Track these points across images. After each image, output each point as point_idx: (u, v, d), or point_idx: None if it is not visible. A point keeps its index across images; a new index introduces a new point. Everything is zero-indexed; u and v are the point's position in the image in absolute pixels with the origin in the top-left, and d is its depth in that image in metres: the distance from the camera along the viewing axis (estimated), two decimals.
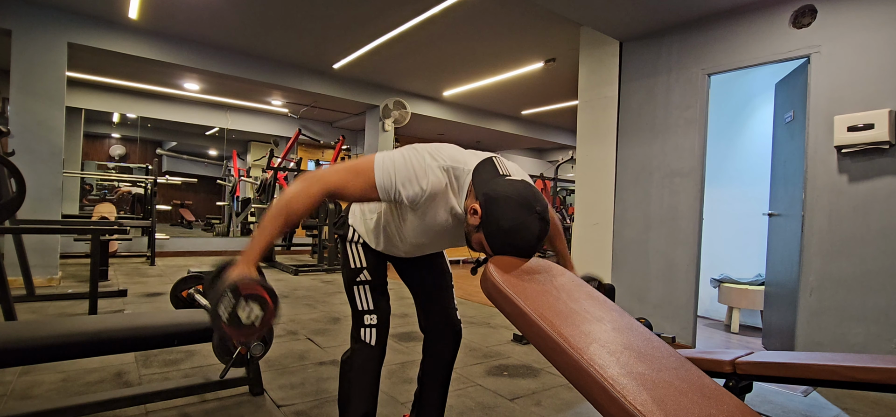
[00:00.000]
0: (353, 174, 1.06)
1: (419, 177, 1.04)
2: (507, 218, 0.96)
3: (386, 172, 1.05)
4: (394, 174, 1.04)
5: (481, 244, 1.03)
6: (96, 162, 8.61)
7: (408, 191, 1.04)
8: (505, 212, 0.96)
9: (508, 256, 0.99)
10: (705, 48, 3.12)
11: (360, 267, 1.32)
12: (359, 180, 1.06)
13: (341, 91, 6.12)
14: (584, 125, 3.84)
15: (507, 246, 0.98)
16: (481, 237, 1.01)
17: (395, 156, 1.07)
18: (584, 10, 3.18)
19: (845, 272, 2.52)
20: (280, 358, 2.47)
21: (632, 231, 3.49)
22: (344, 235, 1.38)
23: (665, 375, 0.79)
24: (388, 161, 1.06)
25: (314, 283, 4.95)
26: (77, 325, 1.70)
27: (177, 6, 4.16)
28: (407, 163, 1.05)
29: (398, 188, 1.04)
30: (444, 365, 1.47)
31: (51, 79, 4.25)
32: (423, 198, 1.06)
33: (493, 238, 0.98)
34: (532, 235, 0.97)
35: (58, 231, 3.17)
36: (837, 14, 2.59)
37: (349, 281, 1.34)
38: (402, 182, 1.04)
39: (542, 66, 5.18)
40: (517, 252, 0.99)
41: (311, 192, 1.03)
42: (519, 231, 0.96)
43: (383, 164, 1.06)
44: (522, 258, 1.00)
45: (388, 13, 4.09)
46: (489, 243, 1.00)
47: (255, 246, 1.01)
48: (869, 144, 2.42)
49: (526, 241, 0.97)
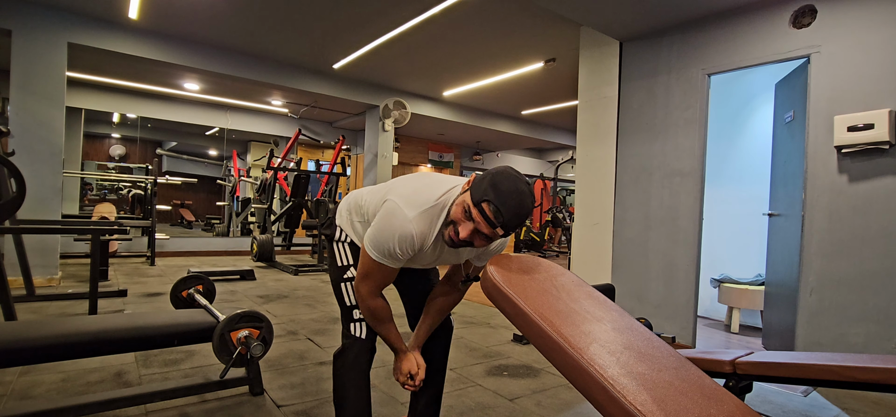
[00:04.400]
0: (365, 276, 1.21)
1: (407, 239, 1.12)
2: (491, 171, 1.08)
3: (381, 248, 1.15)
4: (389, 247, 1.13)
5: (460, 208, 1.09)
6: (96, 162, 8.61)
7: (402, 250, 1.14)
8: (488, 172, 1.08)
9: (480, 194, 1.03)
10: (705, 48, 3.12)
11: (346, 265, 1.34)
12: (372, 271, 1.20)
13: (341, 91, 6.12)
14: (584, 125, 3.84)
15: (489, 188, 1.03)
16: (463, 196, 1.07)
17: (378, 230, 1.15)
18: (584, 11, 3.18)
19: (845, 272, 2.52)
20: (280, 358, 2.47)
21: (632, 231, 3.49)
22: (331, 235, 1.40)
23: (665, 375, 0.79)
24: (375, 241, 1.16)
25: (314, 283, 4.95)
26: (77, 325, 1.70)
27: (177, 6, 4.16)
28: (391, 237, 1.12)
29: (397, 253, 1.14)
30: (437, 360, 1.48)
31: (51, 80, 4.25)
32: (417, 244, 1.14)
33: (476, 187, 1.06)
34: (509, 183, 1.04)
35: (58, 231, 3.17)
36: (837, 14, 2.59)
37: (336, 280, 1.36)
38: (398, 248, 1.13)
39: (542, 66, 5.18)
40: (495, 188, 1.03)
41: (369, 305, 1.25)
42: (504, 174, 1.06)
43: (374, 245, 1.16)
44: (492, 203, 1.02)
45: (388, 13, 4.09)
46: (473, 186, 1.06)
47: (391, 345, 1.33)
48: (869, 144, 2.42)
49: (509, 190, 1.03)
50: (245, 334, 1.84)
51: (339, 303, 1.36)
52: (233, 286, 4.56)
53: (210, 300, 2.54)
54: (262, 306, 3.76)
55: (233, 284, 4.66)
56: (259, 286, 4.66)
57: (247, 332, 1.84)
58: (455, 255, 1.26)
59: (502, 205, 1.01)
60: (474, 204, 1.04)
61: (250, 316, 1.87)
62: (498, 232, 1.05)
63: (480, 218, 1.04)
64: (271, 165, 7.08)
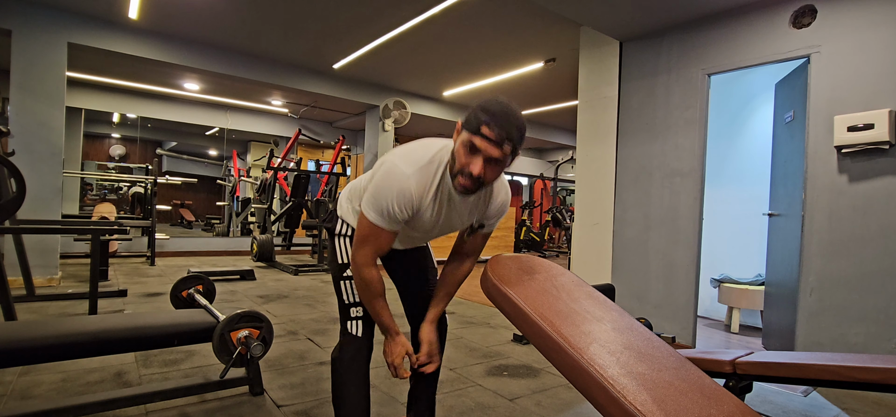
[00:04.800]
0: (362, 241, 1.19)
1: (404, 196, 1.12)
2: (476, 104, 1.10)
3: (379, 207, 1.13)
4: (386, 207, 1.12)
5: (462, 149, 1.09)
6: (96, 162, 8.61)
7: (401, 208, 1.12)
8: (473, 106, 1.10)
9: (475, 122, 1.05)
10: (705, 48, 3.12)
11: (346, 263, 1.34)
12: (369, 235, 1.17)
13: (341, 91, 6.12)
14: (584, 125, 3.84)
15: (479, 108, 1.07)
16: (460, 138, 1.09)
17: (376, 189, 1.14)
18: (584, 10, 3.18)
19: (845, 272, 2.52)
20: (280, 358, 2.47)
21: (632, 231, 3.49)
22: (332, 228, 1.39)
23: (665, 375, 0.79)
24: (373, 200, 1.14)
25: (314, 283, 4.95)
26: (77, 325, 1.70)
27: (177, 6, 4.16)
28: (387, 195, 1.12)
29: (395, 212, 1.12)
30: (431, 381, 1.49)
31: (51, 80, 4.25)
32: (415, 201, 1.14)
33: (468, 122, 1.08)
34: (498, 102, 1.07)
35: (58, 231, 3.18)
36: (837, 14, 2.59)
37: (336, 276, 1.36)
38: (396, 207, 1.12)
39: (542, 66, 5.18)
40: (485, 111, 1.06)
41: (364, 275, 1.21)
42: (489, 99, 1.09)
43: (372, 205, 1.14)
44: (487, 123, 1.04)
45: (388, 13, 4.09)
46: (465, 124, 1.08)
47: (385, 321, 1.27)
48: (869, 144, 2.41)
49: (496, 105, 1.06)
50: (245, 334, 1.84)
51: (337, 300, 1.36)
52: (233, 286, 4.56)
53: (210, 300, 2.54)
54: (262, 306, 3.76)
55: (233, 284, 4.66)
56: (259, 286, 4.66)
57: (247, 332, 1.84)
58: (457, 218, 1.25)
59: (500, 120, 1.04)
60: (474, 132, 1.05)
61: (250, 316, 1.87)
62: (506, 151, 1.05)
63: (485, 143, 1.04)
64: (271, 165, 7.08)
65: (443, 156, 1.17)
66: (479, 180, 1.08)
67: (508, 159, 1.08)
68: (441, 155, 1.18)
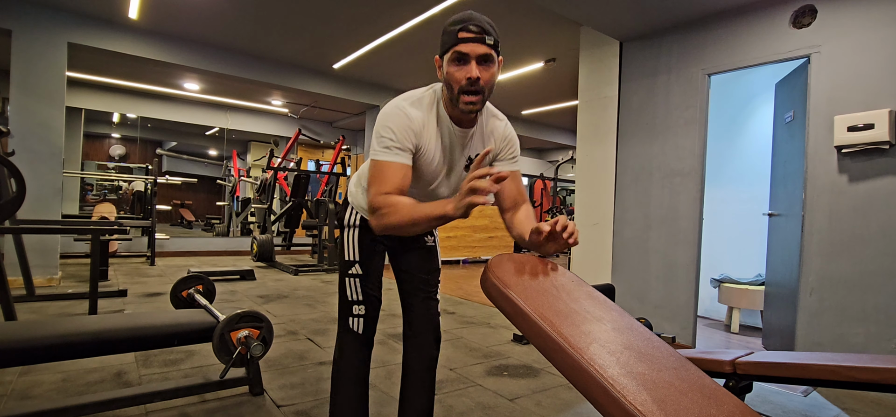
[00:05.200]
0: (374, 180, 1.11)
1: (402, 118, 1.12)
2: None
3: (382, 140, 1.10)
4: (388, 135, 1.10)
5: (451, 68, 1.09)
6: (96, 162, 8.61)
7: (402, 130, 1.11)
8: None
9: (451, 36, 1.08)
10: (705, 48, 3.12)
11: (352, 260, 1.33)
12: (378, 172, 1.10)
13: (341, 91, 6.12)
14: (584, 125, 3.84)
15: (447, 25, 1.09)
16: (445, 61, 1.10)
17: (377, 128, 1.13)
18: (584, 11, 3.18)
19: (845, 272, 2.52)
20: (280, 358, 2.47)
21: (632, 231, 3.49)
22: (342, 218, 1.38)
23: (665, 375, 0.79)
24: (376, 137, 1.12)
25: (314, 283, 4.95)
26: (77, 325, 1.70)
27: (177, 6, 4.16)
28: (388, 123, 1.11)
29: (400, 136, 1.10)
30: (429, 359, 1.40)
31: (51, 80, 4.25)
32: (415, 128, 1.13)
33: (444, 42, 1.10)
34: (463, 12, 1.09)
35: (58, 231, 3.18)
36: (837, 14, 2.59)
37: (342, 272, 1.35)
38: (397, 130, 1.10)
39: (542, 66, 5.18)
40: (454, 22, 1.09)
41: (386, 203, 1.08)
42: (454, 16, 1.11)
43: (376, 140, 1.11)
44: (462, 28, 1.07)
45: (387, 13, 4.09)
46: (442, 49, 1.10)
47: (431, 208, 1.03)
48: (869, 144, 2.41)
49: (460, 14, 1.09)
50: (245, 334, 1.84)
51: (339, 294, 1.35)
52: (233, 286, 4.56)
53: (210, 300, 2.54)
54: (262, 306, 3.76)
55: (233, 284, 4.66)
56: (259, 286, 4.66)
57: (247, 332, 1.84)
58: (462, 160, 1.23)
59: (471, 20, 1.07)
60: (455, 43, 1.06)
61: (250, 316, 1.87)
62: (490, 44, 1.07)
63: (469, 45, 1.06)
64: (271, 165, 7.08)
65: (434, 93, 1.18)
66: (478, 84, 1.07)
67: (496, 55, 1.09)
68: (429, 93, 1.18)
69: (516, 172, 1.29)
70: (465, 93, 1.08)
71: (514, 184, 1.27)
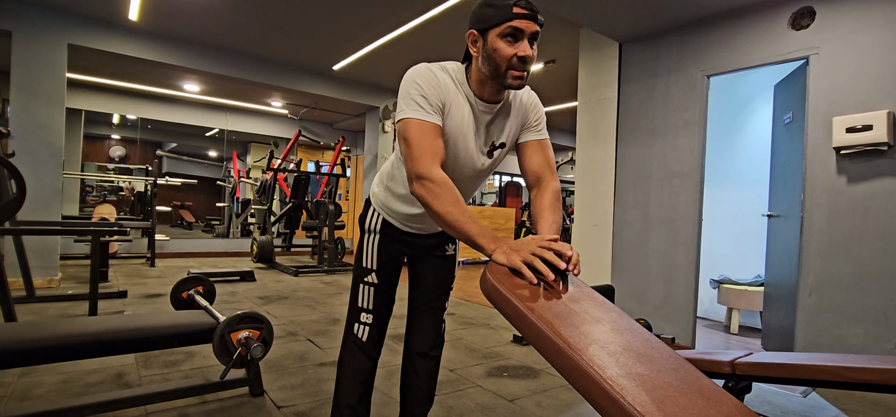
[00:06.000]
0: (410, 147, 1.02)
1: (429, 75, 1.07)
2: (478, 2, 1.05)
3: (409, 100, 1.04)
4: (417, 91, 1.04)
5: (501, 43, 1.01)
6: (96, 163, 8.62)
7: (431, 87, 1.05)
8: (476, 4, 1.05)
9: (503, 10, 1.00)
10: (704, 50, 3.13)
11: (368, 269, 1.30)
12: (414, 137, 1.02)
13: (341, 92, 6.13)
14: (584, 126, 3.85)
15: (487, 2, 1.02)
16: (493, 36, 1.02)
17: (403, 91, 1.07)
18: (584, 12, 3.18)
19: (844, 273, 2.53)
20: (280, 359, 2.48)
21: (631, 232, 3.49)
22: (362, 220, 1.34)
23: (664, 376, 0.79)
24: (403, 102, 1.05)
25: (314, 284, 4.95)
26: (77, 326, 1.70)
27: (177, 7, 4.16)
28: (415, 79, 1.06)
29: (429, 92, 1.04)
30: (431, 362, 1.42)
31: (51, 81, 4.26)
32: (442, 86, 1.07)
33: (496, 11, 1.01)
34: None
35: (58, 232, 3.18)
36: (836, 16, 2.60)
37: (356, 276, 1.33)
38: (425, 86, 1.04)
39: (541, 68, 5.18)
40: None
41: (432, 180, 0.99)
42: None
43: (404, 103, 1.04)
44: (516, 2, 0.99)
45: (387, 15, 4.10)
46: (487, 20, 1.02)
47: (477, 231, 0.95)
48: (867, 145, 2.42)
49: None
50: (245, 335, 1.84)
51: (350, 297, 1.34)
52: (233, 287, 4.56)
53: (210, 301, 2.54)
54: (262, 307, 3.76)
55: (233, 285, 4.66)
56: (259, 287, 4.66)
57: (247, 333, 1.85)
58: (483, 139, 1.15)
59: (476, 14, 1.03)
60: (509, 18, 0.99)
61: (250, 317, 1.87)
62: (541, 20, 1.02)
63: (525, 22, 0.99)
64: (271, 166, 7.09)
65: (454, 67, 1.13)
66: (529, 63, 1.02)
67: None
68: (449, 66, 1.13)
69: (544, 141, 1.19)
70: (514, 69, 1.02)
71: (540, 155, 1.17)
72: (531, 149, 1.18)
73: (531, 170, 1.17)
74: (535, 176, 1.17)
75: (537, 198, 1.14)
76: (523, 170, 1.19)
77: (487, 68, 1.05)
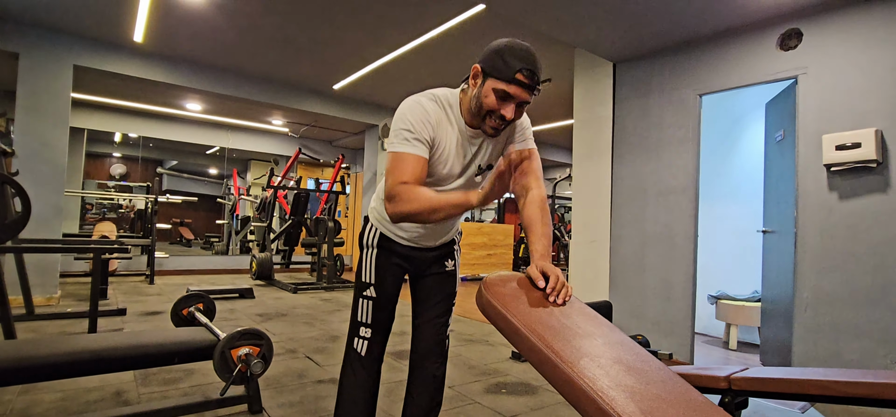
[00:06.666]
0: (393, 168, 1.11)
1: (420, 111, 1.14)
2: (494, 47, 1.10)
3: (399, 132, 1.11)
4: (405, 128, 1.11)
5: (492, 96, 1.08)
6: (97, 181, 8.67)
7: (421, 123, 1.12)
8: (491, 49, 1.10)
9: (508, 70, 1.05)
10: (696, 70, 3.21)
11: (367, 283, 1.34)
12: (397, 165, 1.10)
13: (341, 111, 6.21)
14: (580, 143, 3.91)
15: (509, 54, 1.06)
16: (490, 85, 1.08)
17: (394, 122, 1.15)
18: (577, 34, 3.27)
19: (839, 288, 2.55)
20: (279, 377, 2.48)
21: (628, 248, 3.52)
22: (361, 236, 1.39)
23: (653, 388, 0.82)
24: (394, 131, 1.13)
25: (313, 301, 4.95)
26: (77, 343, 1.71)
27: (181, 29, 4.25)
28: (406, 114, 1.13)
29: (418, 128, 1.11)
30: (435, 380, 1.44)
31: (56, 101, 4.33)
32: (432, 121, 1.14)
33: (496, 68, 1.06)
34: (521, 46, 1.07)
35: (60, 250, 3.20)
36: (823, 37, 2.68)
37: (356, 291, 1.37)
38: (415, 122, 1.12)
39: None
40: (518, 57, 1.06)
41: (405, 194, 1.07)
42: (511, 44, 1.08)
43: (394, 136, 1.13)
44: (522, 70, 1.04)
45: (386, 37, 4.19)
46: (492, 71, 1.07)
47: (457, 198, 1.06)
48: (857, 163, 2.47)
49: (524, 50, 1.06)
50: (245, 351, 1.85)
51: (351, 311, 1.37)
52: (231, 304, 4.56)
53: (210, 318, 2.56)
54: (261, 324, 3.76)
55: (231, 303, 4.66)
56: (258, 304, 4.66)
57: (247, 350, 1.86)
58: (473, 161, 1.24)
59: (532, 65, 1.05)
60: (509, 81, 1.05)
61: (251, 334, 1.89)
62: (536, 93, 1.07)
63: (520, 90, 1.06)
64: (271, 184, 7.14)
65: (446, 95, 1.20)
66: (509, 123, 1.10)
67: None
68: (448, 93, 1.20)
69: (530, 151, 1.25)
70: (493, 119, 1.11)
71: (525, 164, 1.23)
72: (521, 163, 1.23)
73: (523, 174, 1.23)
74: (521, 186, 1.22)
75: (525, 208, 1.20)
76: (515, 179, 1.25)
77: (474, 105, 1.14)
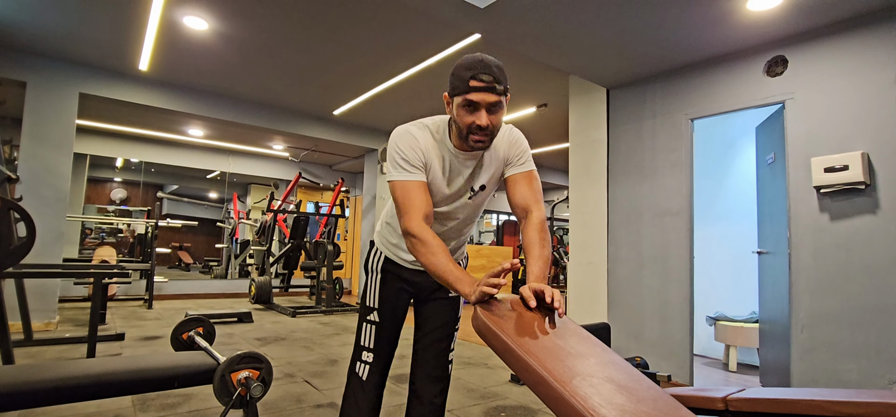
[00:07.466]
0: (398, 205, 1.18)
1: (410, 138, 1.20)
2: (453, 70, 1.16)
3: (395, 163, 1.18)
4: (399, 156, 1.18)
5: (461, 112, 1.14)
6: (97, 205, 8.70)
7: (411, 149, 1.18)
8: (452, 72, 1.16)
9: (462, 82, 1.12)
10: (688, 95, 3.30)
11: (371, 307, 1.37)
12: (400, 195, 1.17)
13: (341, 136, 6.31)
14: (576, 166, 3.97)
15: (460, 69, 1.12)
16: (455, 104, 1.14)
17: (389, 154, 1.22)
18: (571, 61, 3.37)
19: (833, 308, 2.57)
20: (277, 401, 2.47)
21: (625, 269, 3.54)
22: (366, 260, 1.43)
23: (642, 406, 0.84)
24: (390, 162, 1.21)
25: (312, 325, 4.93)
26: (76, 368, 1.72)
27: (185, 58, 4.36)
28: (398, 143, 1.20)
29: (409, 155, 1.18)
30: (433, 408, 1.43)
31: (61, 128, 4.40)
32: (422, 147, 1.20)
33: (454, 87, 1.13)
34: (470, 57, 1.13)
35: (61, 275, 3.22)
36: (808, 63, 2.77)
37: (361, 315, 1.41)
38: (406, 149, 1.18)
39: (534, 111, 5.38)
40: (466, 68, 1.11)
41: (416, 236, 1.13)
42: (461, 60, 1.15)
43: (390, 166, 1.20)
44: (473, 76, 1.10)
45: (386, 65, 4.31)
46: (452, 90, 1.14)
47: (457, 276, 1.07)
48: (846, 185, 2.52)
49: (472, 59, 1.12)
50: (245, 375, 1.86)
51: (355, 335, 1.40)
52: (230, 329, 4.55)
53: (210, 342, 2.56)
54: (260, 348, 3.75)
55: (230, 327, 4.65)
56: (256, 328, 4.64)
57: (247, 373, 1.87)
58: (466, 184, 1.27)
59: (482, 67, 1.09)
60: (467, 91, 1.10)
61: (251, 357, 1.90)
62: (500, 91, 1.11)
63: (480, 95, 1.10)
64: (271, 208, 7.18)
65: (443, 122, 1.24)
66: (488, 130, 1.12)
67: (505, 97, 1.12)
68: (437, 121, 1.25)
69: (529, 173, 1.27)
70: (474, 134, 1.14)
71: (524, 187, 1.25)
72: (515, 182, 1.28)
73: (517, 202, 1.26)
74: (521, 208, 1.25)
75: (525, 230, 1.23)
76: (511, 203, 1.29)
77: (456, 129, 1.18)
